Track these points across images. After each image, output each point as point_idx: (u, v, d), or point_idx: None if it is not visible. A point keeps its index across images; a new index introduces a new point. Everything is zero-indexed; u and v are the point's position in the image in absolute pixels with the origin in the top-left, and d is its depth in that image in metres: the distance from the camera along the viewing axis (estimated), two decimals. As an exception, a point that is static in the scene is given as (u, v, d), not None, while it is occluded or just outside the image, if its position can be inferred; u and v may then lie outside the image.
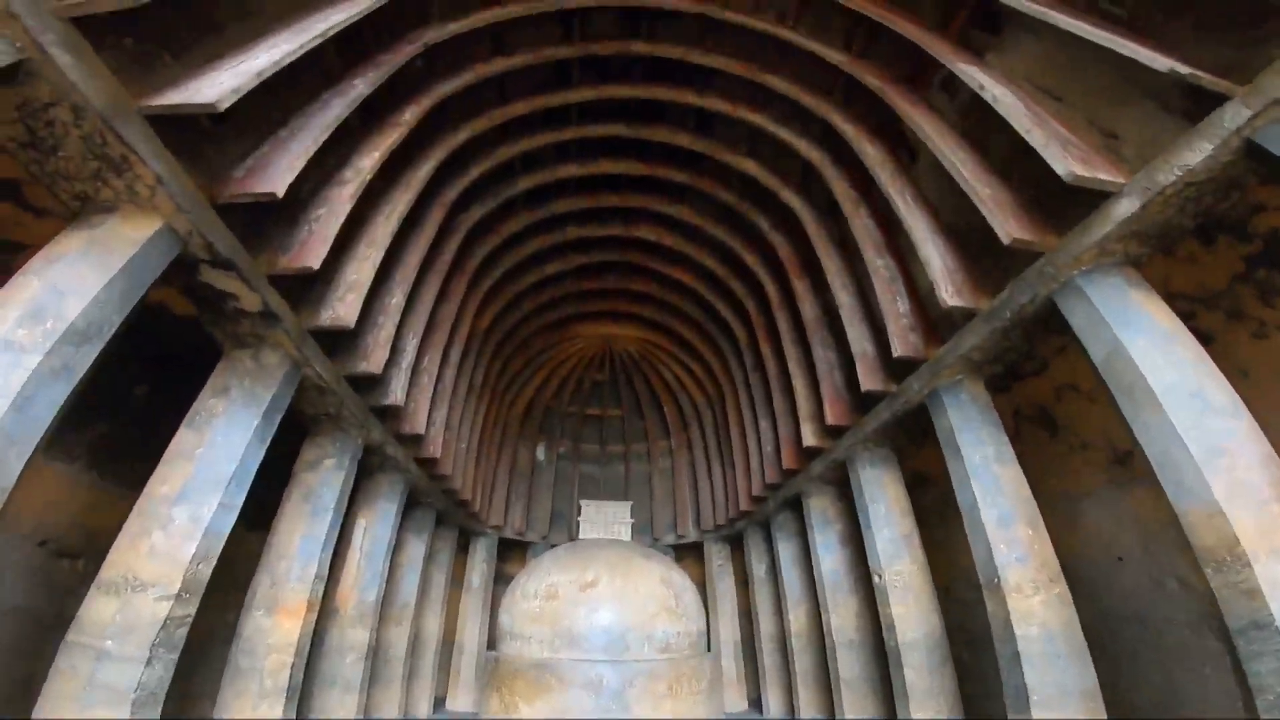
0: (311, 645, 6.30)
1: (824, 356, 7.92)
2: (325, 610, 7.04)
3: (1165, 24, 4.06)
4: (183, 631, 4.49)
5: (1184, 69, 3.62)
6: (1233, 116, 3.62)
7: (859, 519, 7.46)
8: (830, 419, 7.54)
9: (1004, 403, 5.99)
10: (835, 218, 7.62)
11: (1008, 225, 4.63)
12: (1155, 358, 4.09)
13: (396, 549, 8.79)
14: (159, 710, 4.37)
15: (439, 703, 11.09)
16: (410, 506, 9.31)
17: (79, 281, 3.66)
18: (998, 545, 5.27)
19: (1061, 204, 4.64)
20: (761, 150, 8.09)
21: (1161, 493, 3.97)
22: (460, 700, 11.16)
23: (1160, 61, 3.70)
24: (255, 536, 6.26)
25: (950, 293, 5.39)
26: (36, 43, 3.09)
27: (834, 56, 6.37)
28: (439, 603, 10.73)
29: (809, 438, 8.17)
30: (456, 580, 11.86)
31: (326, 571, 6.29)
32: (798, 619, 9.45)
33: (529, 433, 13.61)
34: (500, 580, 12.38)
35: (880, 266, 6.57)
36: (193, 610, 4.57)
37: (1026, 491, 5.47)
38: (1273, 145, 3.51)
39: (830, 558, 8.43)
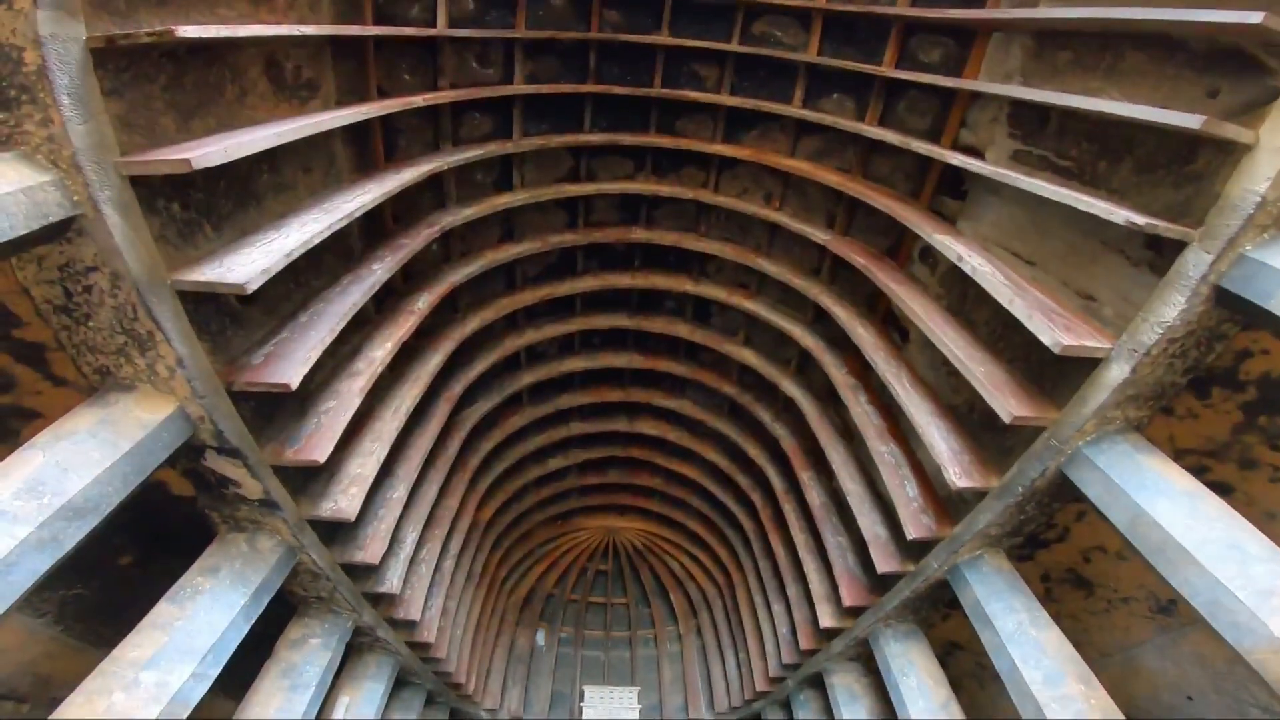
0: None
1: (835, 542, 7.71)
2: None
3: (1110, 172, 4.30)
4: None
5: (1140, 219, 3.63)
6: (1195, 264, 3.59)
7: (889, 693, 6.88)
8: (847, 601, 7.21)
9: (1030, 569, 5.75)
10: (836, 404, 7.76)
11: (1007, 404, 4.60)
12: (1181, 518, 3.95)
13: (383, 729, 8.04)
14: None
15: None
16: (399, 685, 8.61)
17: (84, 460, 3.63)
18: (1049, 704, 4.83)
19: (1054, 374, 4.68)
20: (759, 339, 8.42)
21: (1219, 635, 3.75)
22: None
23: (1117, 214, 3.75)
24: (223, 701, 5.77)
25: (958, 474, 5.29)
26: (93, 198, 3.14)
27: (819, 235, 6.83)
28: None
29: (826, 619, 7.77)
30: None
31: (302, 749, 5.68)
32: (830, 801, 8.43)
33: (529, 618, 13.06)
34: None
35: (885, 453, 6.55)
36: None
37: (1070, 650, 5.09)
38: (1241, 289, 3.46)
39: (862, 734, 7.67)
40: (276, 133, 4.16)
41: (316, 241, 4.38)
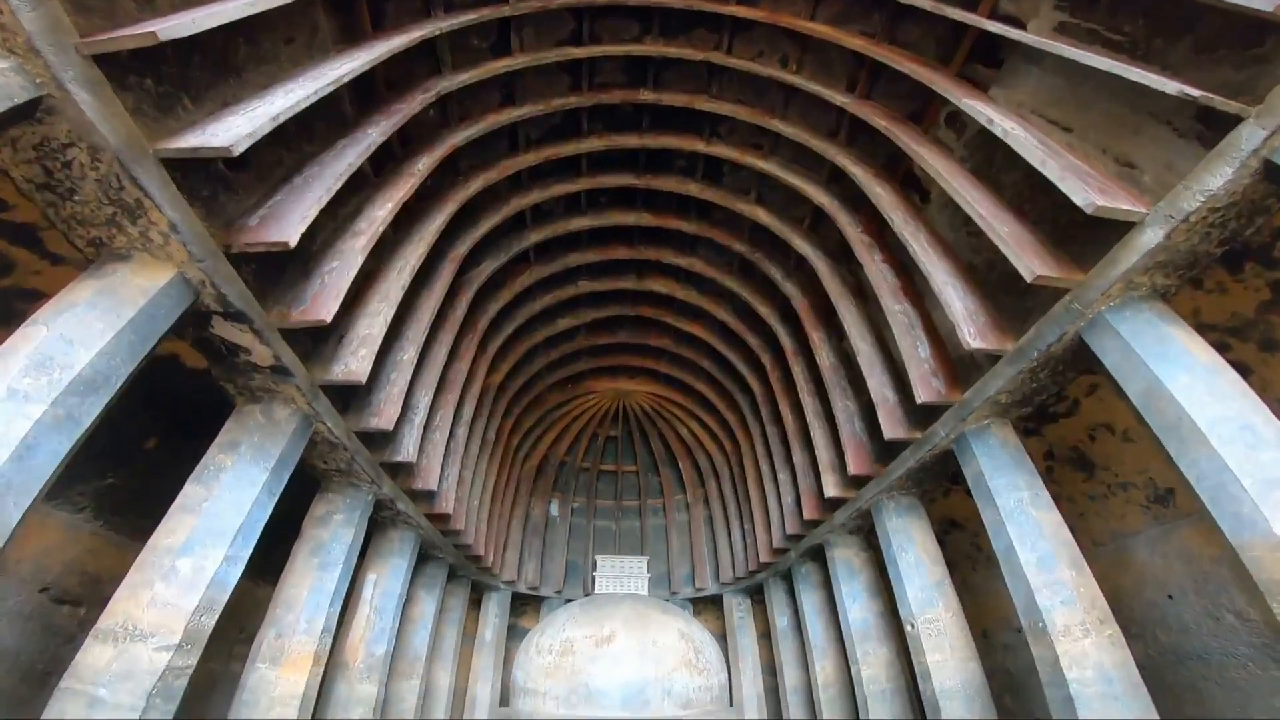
0: (318, 699, 6.06)
1: (843, 406, 7.73)
2: (333, 663, 6.80)
3: (1166, 49, 4.06)
4: (181, 683, 4.30)
5: (1194, 91, 3.57)
6: (1249, 138, 3.54)
7: (887, 569, 7.18)
8: (852, 469, 7.32)
9: (1035, 445, 5.81)
10: (849, 263, 7.57)
11: (1031, 263, 4.49)
12: (1198, 393, 3.96)
13: (407, 603, 8.55)
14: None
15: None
16: (422, 560, 9.09)
17: (88, 332, 3.63)
18: (1039, 589, 5.04)
19: (1082, 237, 4.54)
20: (771, 197, 8.11)
21: (1211, 529, 3.81)
22: (472, 759, 10.50)
23: (1170, 85, 3.67)
24: (262, 588, 6.13)
25: (973, 335, 5.22)
26: (56, 79, 3.11)
27: (838, 98, 6.43)
28: (450, 657, 10.29)
29: (830, 488, 7.94)
30: (468, 635, 11.52)
31: (334, 625, 6.10)
32: (824, 670, 8.99)
33: (542, 488, 13.41)
34: (514, 635, 12.04)
35: (898, 312, 6.44)
36: (193, 661, 4.39)
37: (1066, 534, 5.24)
38: (1292, 165, 3.38)
39: (857, 607, 8.10)
40: (248, 2, 3.93)
41: (303, 106, 4.19)
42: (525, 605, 12.86)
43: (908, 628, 6.68)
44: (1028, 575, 5.14)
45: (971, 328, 5.27)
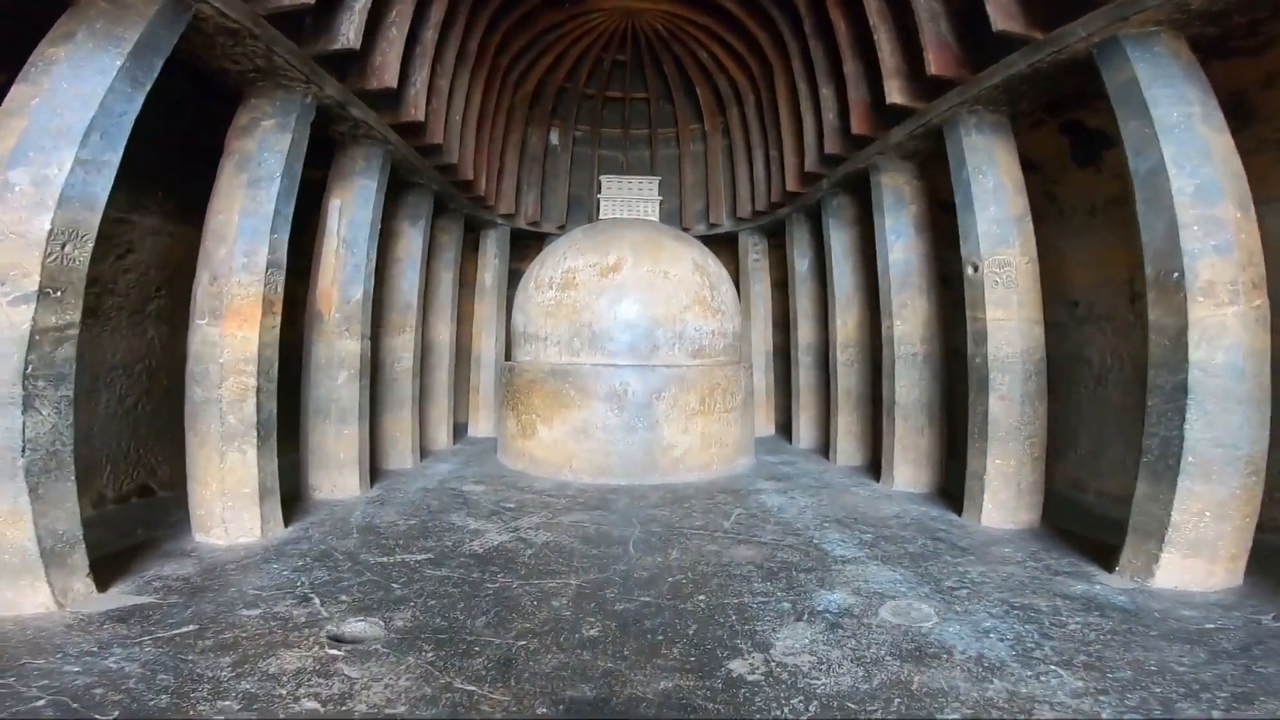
0: (295, 365, 5.31)
1: (926, 5, 5.64)
2: (305, 320, 6.04)
3: None
4: (67, 352, 3.40)
5: None
6: None
7: (955, 195, 5.80)
8: (933, 69, 5.54)
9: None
10: None
11: None
12: None
13: (392, 240, 7.56)
14: (71, 479, 3.46)
15: (460, 429, 10.26)
16: (401, 189, 7.84)
17: None
18: (1188, 225, 3.81)
19: None
20: None
21: None
22: (483, 426, 10.47)
23: None
24: (188, 230, 5.02)
25: None
26: None
27: None
28: (449, 307, 9.65)
29: (894, 94, 6.19)
30: (468, 284, 10.84)
31: (284, 260, 4.97)
32: (845, 325, 8.24)
33: (539, 116, 11.53)
34: (515, 282, 11.16)
35: None
36: (74, 317, 3.43)
37: (1239, 165, 3.90)
38: None
39: (901, 245, 6.84)
40: None
41: None
42: (526, 245, 11.99)
43: (969, 269, 5.53)
44: (1176, 206, 3.86)
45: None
